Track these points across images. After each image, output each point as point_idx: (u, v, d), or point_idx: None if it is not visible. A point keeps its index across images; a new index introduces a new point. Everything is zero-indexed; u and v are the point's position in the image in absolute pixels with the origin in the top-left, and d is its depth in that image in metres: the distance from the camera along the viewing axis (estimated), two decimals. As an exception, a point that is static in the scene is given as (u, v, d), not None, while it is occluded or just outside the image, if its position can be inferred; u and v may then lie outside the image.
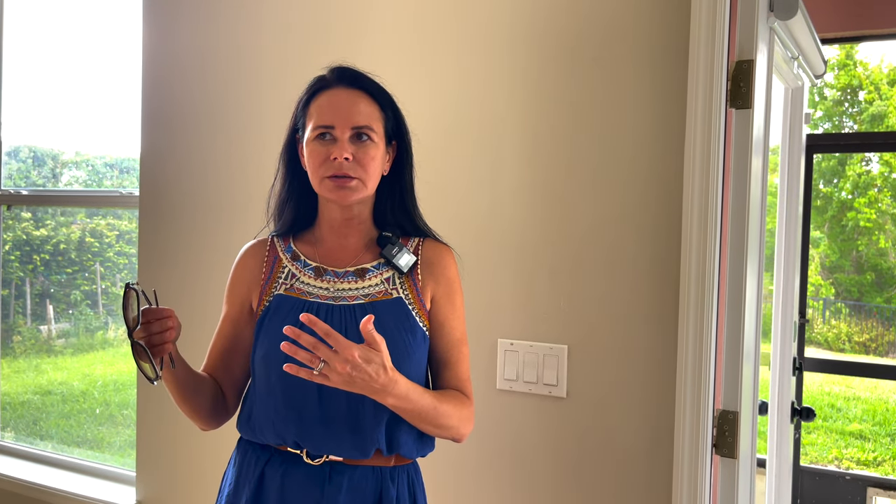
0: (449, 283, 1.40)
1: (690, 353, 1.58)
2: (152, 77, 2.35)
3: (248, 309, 1.42)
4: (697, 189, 1.57)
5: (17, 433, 3.11)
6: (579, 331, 1.75)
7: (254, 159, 2.15)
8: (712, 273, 1.56)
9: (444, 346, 1.39)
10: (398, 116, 1.39)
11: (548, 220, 1.78)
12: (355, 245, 1.39)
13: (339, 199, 1.32)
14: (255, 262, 1.43)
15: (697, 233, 1.57)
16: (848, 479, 4.37)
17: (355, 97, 1.33)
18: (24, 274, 3.27)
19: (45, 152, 3.25)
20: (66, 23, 3.05)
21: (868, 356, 10.23)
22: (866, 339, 10.50)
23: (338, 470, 1.31)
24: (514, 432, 1.82)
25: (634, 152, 1.70)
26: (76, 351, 3.32)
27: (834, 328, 10.86)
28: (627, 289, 1.70)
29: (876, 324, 10.82)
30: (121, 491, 2.54)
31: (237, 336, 1.42)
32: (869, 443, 7.89)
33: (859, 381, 9.11)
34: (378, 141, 1.33)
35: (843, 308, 11.18)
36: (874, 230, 11.18)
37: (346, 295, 1.35)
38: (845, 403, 8.70)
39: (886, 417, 8.35)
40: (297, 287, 1.37)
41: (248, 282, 1.42)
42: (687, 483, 1.58)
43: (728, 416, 1.60)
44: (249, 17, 2.18)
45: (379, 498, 1.32)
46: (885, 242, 11.21)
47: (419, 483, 1.40)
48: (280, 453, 1.34)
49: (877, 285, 11.20)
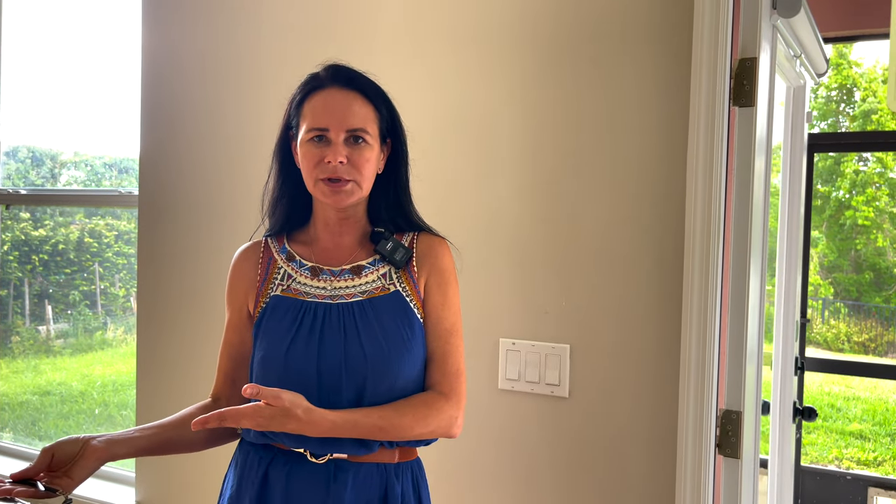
0: (441, 272, 1.38)
1: (694, 352, 1.57)
2: (151, 77, 2.34)
3: (247, 314, 1.41)
4: (700, 188, 1.56)
5: (16, 434, 3.10)
6: (582, 330, 1.75)
7: (253, 159, 2.14)
8: (715, 272, 1.55)
9: (431, 337, 1.36)
10: (393, 114, 1.38)
11: (550, 219, 1.77)
12: (350, 243, 1.39)
13: (334, 203, 1.32)
14: (250, 265, 1.42)
15: (700, 232, 1.56)
16: (849, 478, 4.36)
17: (350, 98, 1.32)
18: (22, 274, 3.26)
19: (43, 152, 3.24)
20: (64, 22, 3.04)
21: (867, 356, 10.24)
22: (865, 339, 10.51)
23: (342, 468, 1.30)
24: (516, 432, 1.82)
25: (637, 151, 1.69)
26: (75, 351, 3.31)
27: (833, 328, 10.87)
28: (630, 288, 1.69)
29: (875, 323, 10.83)
30: (120, 491, 2.53)
31: (243, 343, 1.42)
32: (869, 443, 7.89)
33: (859, 380, 9.11)
34: (373, 142, 1.32)
35: (842, 308, 11.19)
36: (872, 229, 11.18)
37: (343, 293, 1.34)
38: (845, 403, 8.71)
39: (886, 417, 8.35)
40: (294, 288, 1.36)
41: (244, 287, 1.41)
42: (690, 483, 1.57)
43: (731, 416, 1.59)
44: (248, 17, 2.17)
45: (384, 494, 1.31)
46: (884, 241, 11.22)
47: (423, 480, 1.40)
48: (284, 453, 1.33)
49: (875, 285, 11.20)
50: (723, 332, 1.61)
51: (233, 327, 1.43)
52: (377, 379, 1.29)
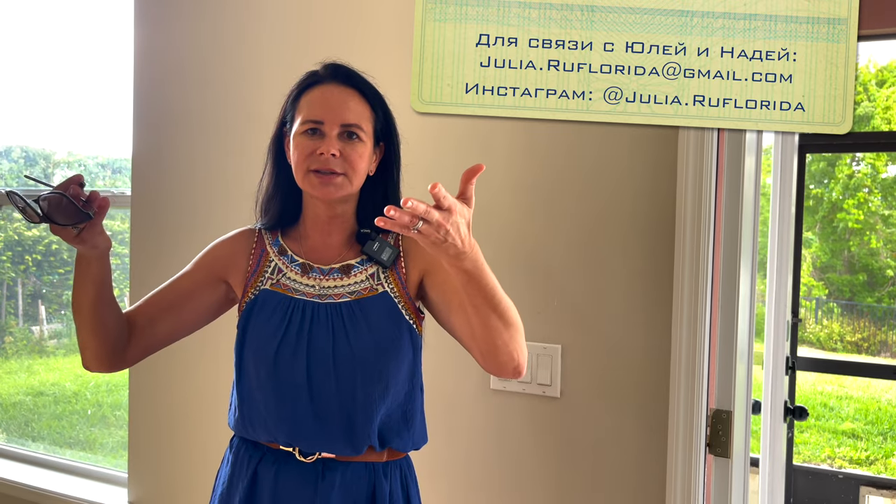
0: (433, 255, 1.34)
1: (684, 352, 1.58)
2: (144, 77, 2.34)
3: (215, 285, 1.40)
4: (691, 187, 1.57)
5: (9, 434, 3.10)
6: (573, 330, 1.75)
7: (246, 159, 2.14)
8: (706, 272, 1.56)
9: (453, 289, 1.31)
10: (388, 117, 1.38)
11: (540, 220, 1.78)
12: (339, 242, 1.39)
13: (322, 195, 1.30)
14: (243, 247, 1.42)
15: (691, 231, 1.57)
16: (841, 477, 4.39)
17: (347, 95, 1.32)
18: (15, 274, 3.25)
19: (37, 152, 3.23)
20: (57, 22, 3.04)
21: (860, 355, 10.27)
22: (858, 339, 10.55)
23: (330, 467, 1.30)
24: (507, 432, 1.82)
25: (627, 151, 1.70)
26: (68, 352, 3.31)
27: (826, 328, 10.90)
28: (621, 288, 1.70)
29: (868, 323, 10.86)
30: (113, 492, 2.53)
31: (188, 298, 1.39)
32: (861, 442, 7.92)
33: (851, 380, 9.14)
34: (366, 140, 1.32)
35: (835, 308, 11.22)
36: (865, 230, 11.22)
37: (332, 293, 1.34)
38: (837, 403, 8.74)
39: (878, 416, 8.38)
40: (284, 283, 1.36)
41: (227, 262, 1.41)
42: (681, 482, 1.58)
43: (722, 416, 1.60)
44: (242, 16, 2.17)
45: (372, 494, 1.31)
46: (877, 242, 11.26)
47: (412, 478, 1.40)
48: (272, 451, 1.33)
49: (868, 285, 11.24)
50: (713, 331, 1.61)
51: (191, 279, 1.40)
52: (368, 380, 1.29)
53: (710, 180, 1.55)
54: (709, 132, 1.55)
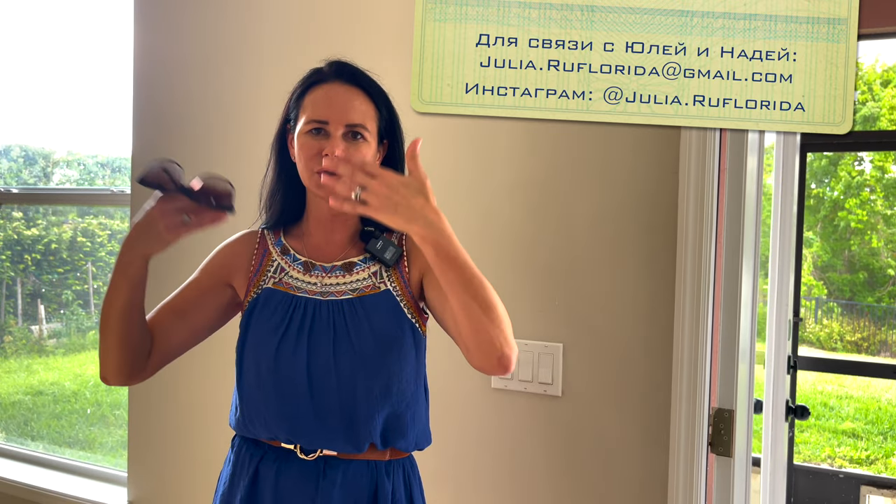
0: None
1: (686, 351, 1.58)
2: (144, 76, 2.34)
3: (221, 290, 1.40)
4: (693, 186, 1.57)
5: (9, 434, 3.10)
6: (575, 329, 1.75)
7: (246, 158, 2.14)
8: (708, 271, 1.56)
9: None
10: (392, 115, 1.38)
11: (543, 218, 1.78)
12: (341, 239, 1.39)
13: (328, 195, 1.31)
14: (245, 250, 1.42)
15: (693, 230, 1.57)
16: (841, 477, 4.39)
17: (352, 94, 1.32)
18: (15, 274, 3.25)
19: (36, 151, 3.23)
20: (57, 21, 3.03)
21: (860, 355, 10.27)
22: (858, 339, 10.54)
23: (332, 465, 1.30)
24: (509, 431, 1.82)
25: (630, 151, 1.69)
26: (68, 351, 3.31)
27: (826, 327, 10.90)
28: (623, 287, 1.70)
29: (868, 323, 10.86)
30: (112, 491, 2.53)
31: (197, 305, 1.39)
32: (862, 441, 7.92)
33: (852, 379, 9.14)
34: (371, 140, 1.32)
35: (835, 307, 11.22)
36: (866, 230, 11.22)
37: (334, 290, 1.34)
38: (838, 402, 8.74)
39: (879, 416, 8.38)
40: (286, 281, 1.36)
41: (231, 267, 1.41)
42: (682, 481, 1.58)
43: (724, 415, 1.60)
44: (242, 15, 2.17)
45: (374, 492, 1.31)
46: (878, 242, 11.25)
47: (416, 477, 1.39)
48: (274, 450, 1.33)
49: (869, 285, 11.24)
50: (715, 330, 1.61)
51: (198, 287, 1.41)
52: (368, 377, 1.29)
53: (712, 180, 1.55)
54: (711, 132, 1.55)
